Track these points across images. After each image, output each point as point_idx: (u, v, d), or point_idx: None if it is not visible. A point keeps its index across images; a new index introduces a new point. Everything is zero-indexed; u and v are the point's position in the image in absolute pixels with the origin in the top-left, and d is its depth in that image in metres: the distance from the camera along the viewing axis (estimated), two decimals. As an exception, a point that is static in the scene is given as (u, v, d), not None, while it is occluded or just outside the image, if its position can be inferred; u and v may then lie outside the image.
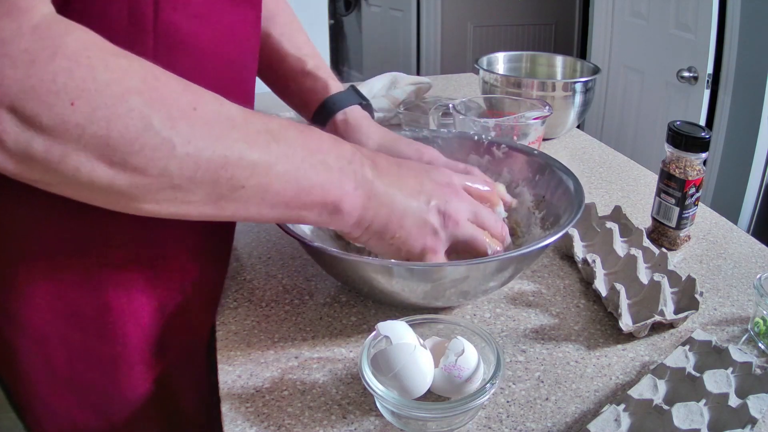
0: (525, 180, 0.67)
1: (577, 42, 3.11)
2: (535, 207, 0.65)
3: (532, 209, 0.65)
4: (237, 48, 0.49)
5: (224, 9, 0.46)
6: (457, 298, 0.54)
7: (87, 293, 0.47)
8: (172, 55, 0.41)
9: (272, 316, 0.57)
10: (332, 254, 0.50)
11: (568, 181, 0.63)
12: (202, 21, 0.44)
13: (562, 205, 0.61)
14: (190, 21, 0.43)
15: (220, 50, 0.47)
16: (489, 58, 1.16)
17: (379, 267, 0.50)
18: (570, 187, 0.61)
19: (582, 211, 0.56)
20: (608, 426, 0.43)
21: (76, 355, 0.49)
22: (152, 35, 0.41)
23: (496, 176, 0.69)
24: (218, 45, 0.46)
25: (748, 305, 0.59)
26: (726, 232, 0.73)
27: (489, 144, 0.70)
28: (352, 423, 0.45)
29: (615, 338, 0.54)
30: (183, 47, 0.43)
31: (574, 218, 0.55)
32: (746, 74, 1.61)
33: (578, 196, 0.59)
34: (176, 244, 0.51)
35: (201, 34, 0.44)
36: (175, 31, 0.42)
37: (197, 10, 0.44)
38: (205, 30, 0.45)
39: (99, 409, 0.52)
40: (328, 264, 0.55)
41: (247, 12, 0.49)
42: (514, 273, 0.55)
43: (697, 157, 0.65)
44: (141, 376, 0.52)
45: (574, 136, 1.07)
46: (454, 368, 0.45)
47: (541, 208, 0.64)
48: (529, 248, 0.51)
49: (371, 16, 3.61)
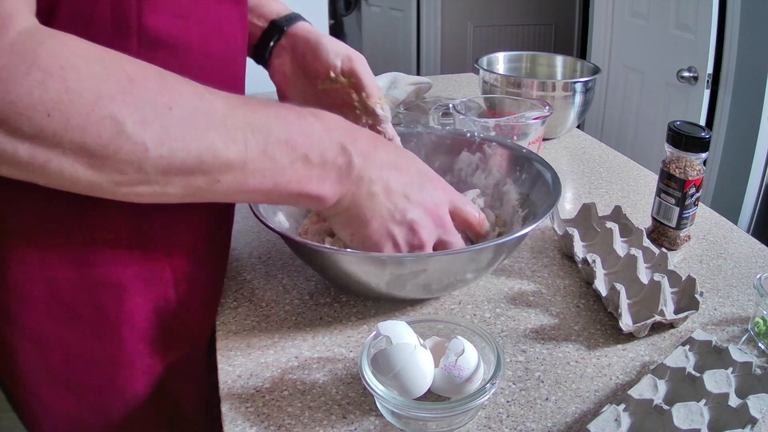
0: (512, 179, 0.68)
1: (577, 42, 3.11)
2: (519, 205, 0.66)
3: (516, 207, 0.66)
4: (224, 46, 0.49)
5: (209, 7, 0.46)
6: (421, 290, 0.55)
7: (81, 294, 0.47)
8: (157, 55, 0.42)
9: (272, 316, 0.57)
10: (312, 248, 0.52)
11: (546, 176, 0.63)
12: (186, 21, 0.44)
13: (541, 202, 0.62)
14: (174, 21, 0.43)
15: (206, 49, 0.47)
16: (489, 58, 1.16)
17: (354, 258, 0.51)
18: (549, 183, 0.62)
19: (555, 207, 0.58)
20: (608, 426, 0.43)
21: (74, 356, 0.49)
22: (136, 37, 0.42)
23: (486, 173, 0.70)
24: (204, 43, 0.47)
25: (748, 305, 0.59)
26: (726, 232, 0.73)
27: (481, 141, 0.71)
28: (352, 423, 0.45)
29: (615, 338, 0.54)
30: (168, 48, 0.44)
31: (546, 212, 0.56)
32: (746, 74, 1.61)
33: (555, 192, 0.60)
34: (170, 245, 0.50)
35: (186, 33, 0.45)
36: (159, 31, 0.43)
37: (181, 10, 0.44)
38: (189, 29, 0.45)
39: (97, 409, 0.52)
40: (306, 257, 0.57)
41: (233, 9, 0.49)
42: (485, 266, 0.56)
43: (697, 157, 0.65)
44: (139, 377, 0.52)
45: (574, 136, 1.07)
46: (454, 368, 0.45)
47: (524, 206, 0.65)
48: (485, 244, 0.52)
49: (371, 16, 3.61)
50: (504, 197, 0.68)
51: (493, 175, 0.70)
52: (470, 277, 0.56)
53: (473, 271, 0.55)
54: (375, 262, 0.51)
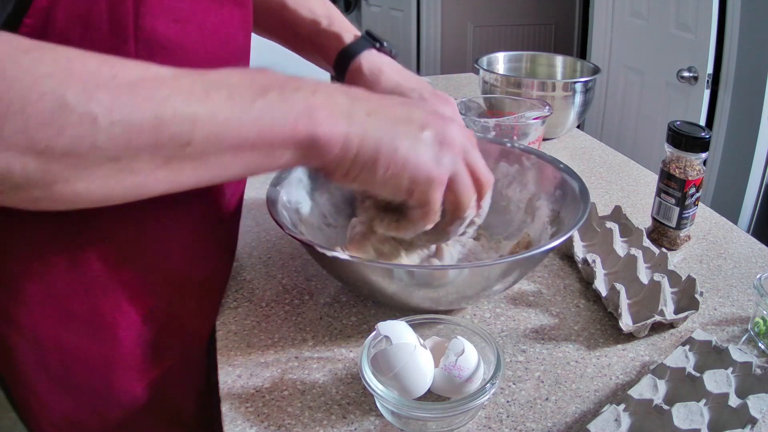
0: (547, 194, 0.65)
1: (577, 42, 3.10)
2: (549, 222, 0.63)
3: (546, 224, 0.63)
4: (223, 48, 0.49)
5: (208, 10, 0.46)
6: (459, 301, 0.54)
7: (76, 294, 0.47)
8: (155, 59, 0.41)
9: (272, 316, 0.57)
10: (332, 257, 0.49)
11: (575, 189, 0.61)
12: (184, 24, 0.44)
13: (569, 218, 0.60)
14: (173, 25, 0.43)
15: (205, 52, 0.46)
16: (489, 58, 1.16)
17: (379, 270, 0.50)
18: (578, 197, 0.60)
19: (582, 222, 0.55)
20: (608, 426, 0.43)
21: (70, 356, 0.49)
22: (134, 41, 0.41)
23: (521, 187, 0.67)
24: (203, 47, 0.46)
25: (748, 305, 0.59)
26: (726, 232, 0.73)
27: (520, 152, 0.68)
28: (352, 423, 0.45)
29: (615, 338, 0.54)
30: (166, 51, 0.43)
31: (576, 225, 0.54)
32: (746, 74, 1.61)
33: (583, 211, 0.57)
34: (165, 247, 0.50)
35: (184, 37, 0.44)
36: (157, 35, 0.42)
37: (179, 13, 0.43)
38: (188, 33, 0.44)
39: (95, 410, 0.52)
40: (329, 266, 0.55)
41: (234, 12, 0.49)
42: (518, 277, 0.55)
43: (697, 157, 0.65)
44: (136, 378, 0.52)
45: (574, 136, 1.07)
46: (454, 368, 0.45)
47: (554, 224, 0.62)
48: (534, 251, 0.51)
49: (371, 16, 3.61)
50: (536, 213, 0.65)
51: (528, 190, 0.67)
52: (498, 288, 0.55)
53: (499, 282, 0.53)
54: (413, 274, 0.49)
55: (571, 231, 0.53)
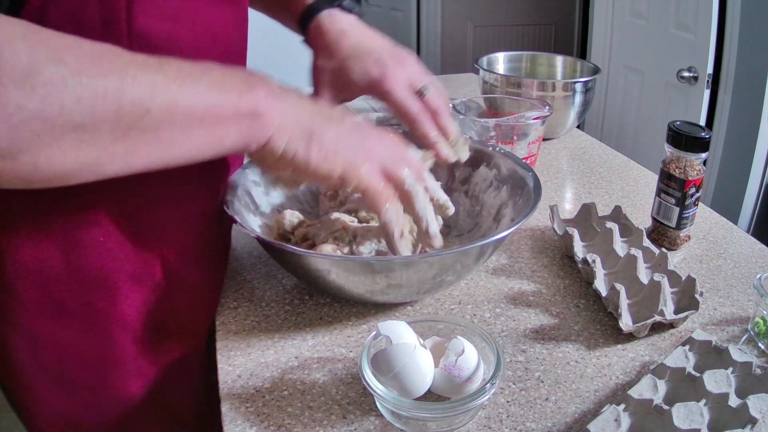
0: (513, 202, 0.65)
1: (577, 42, 3.10)
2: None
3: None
4: (218, 47, 0.49)
5: (201, 9, 0.46)
6: (401, 293, 0.54)
7: (72, 291, 0.47)
8: None
9: (272, 316, 0.57)
10: (284, 249, 0.52)
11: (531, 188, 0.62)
12: (177, 23, 0.44)
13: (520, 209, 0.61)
14: (165, 23, 0.43)
15: (199, 50, 0.47)
16: (489, 58, 1.16)
17: (327, 261, 0.51)
18: (531, 198, 0.61)
19: (533, 212, 0.57)
20: (608, 426, 0.43)
21: (66, 354, 0.49)
22: (127, 39, 0.42)
23: (496, 192, 0.67)
24: (197, 45, 0.46)
25: (748, 305, 0.59)
26: (726, 232, 0.73)
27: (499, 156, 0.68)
28: (352, 423, 0.45)
29: (615, 338, 0.54)
30: (160, 50, 0.43)
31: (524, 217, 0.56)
32: (746, 74, 1.61)
33: (535, 199, 0.59)
34: (160, 243, 0.50)
35: (177, 35, 0.44)
36: (149, 33, 0.43)
37: (172, 12, 0.43)
38: (181, 32, 0.45)
39: (91, 408, 0.52)
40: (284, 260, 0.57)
41: (227, 11, 0.49)
42: (459, 274, 0.55)
43: (697, 157, 0.65)
44: (131, 376, 0.52)
45: (574, 136, 1.07)
46: (454, 368, 0.45)
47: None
48: (470, 245, 0.52)
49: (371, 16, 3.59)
50: (501, 221, 0.65)
51: (501, 196, 0.67)
52: (450, 279, 0.55)
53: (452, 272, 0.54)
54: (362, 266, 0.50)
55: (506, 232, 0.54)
